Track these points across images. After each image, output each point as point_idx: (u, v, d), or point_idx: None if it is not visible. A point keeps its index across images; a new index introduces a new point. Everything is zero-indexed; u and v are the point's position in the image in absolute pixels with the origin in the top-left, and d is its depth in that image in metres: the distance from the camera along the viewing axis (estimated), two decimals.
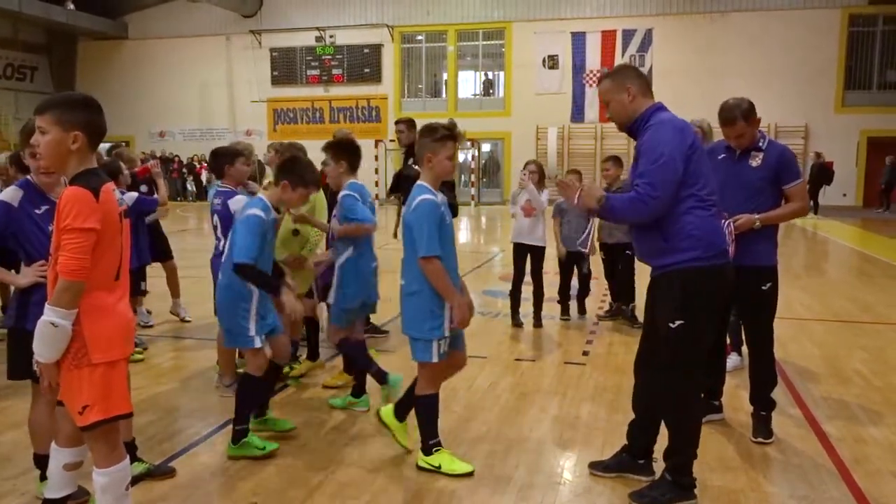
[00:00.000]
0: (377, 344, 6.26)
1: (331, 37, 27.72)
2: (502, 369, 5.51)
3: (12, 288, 5.86)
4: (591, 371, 5.53)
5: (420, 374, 3.78)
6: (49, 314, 2.52)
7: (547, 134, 25.29)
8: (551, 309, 7.27)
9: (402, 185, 6.91)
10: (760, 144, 4.17)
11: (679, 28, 24.45)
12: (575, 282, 7.34)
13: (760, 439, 4.11)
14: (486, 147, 27.50)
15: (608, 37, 24.83)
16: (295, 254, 5.29)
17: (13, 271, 3.55)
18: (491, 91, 27.80)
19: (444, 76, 27.64)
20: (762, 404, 4.22)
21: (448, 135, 3.59)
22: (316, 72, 28.03)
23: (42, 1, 25.79)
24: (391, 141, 26.44)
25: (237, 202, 4.66)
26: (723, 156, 4.24)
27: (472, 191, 25.62)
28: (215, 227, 4.88)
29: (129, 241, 2.82)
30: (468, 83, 28.19)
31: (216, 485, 3.60)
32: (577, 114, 25.24)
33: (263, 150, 6.84)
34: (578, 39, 25.12)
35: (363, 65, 27.60)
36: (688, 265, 3.21)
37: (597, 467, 3.71)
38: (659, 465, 3.50)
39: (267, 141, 21.80)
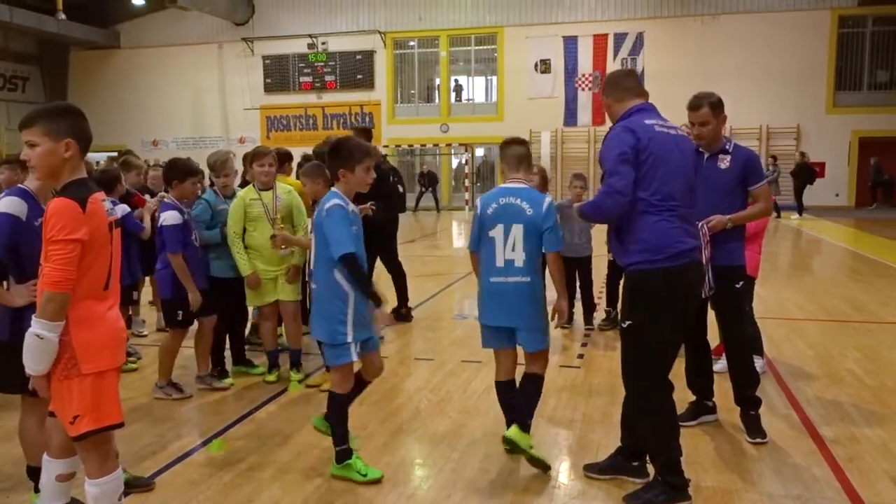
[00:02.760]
0: None
1: (323, 44, 27.74)
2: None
3: None
4: (585, 374, 5.55)
5: (538, 362, 3.94)
6: (35, 326, 2.52)
7: (540, 138, 25.34)
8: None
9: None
10: (727, 147, 4.27)
11: (670, 31, 24.54)
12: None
13: (758, 440, 4.14)
14: (479, 152, 27.54)
15: (600, 41, 24.89)
16: (275, 265, 5.28)
17: None
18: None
19: (437, 81, 27.69)
20: (748, 404, 4.27)
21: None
22: (309, 79, 28.03)
23: (33, 11, 25.74)
24: (384, 147, 26.49)
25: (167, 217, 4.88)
26: None
27: (467, 195, 25.65)
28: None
29: (120, 251, 2.82)
30: (462, 88, 28.26)
31: (211, 493, 3.59)
32: (570, 118, 25.29)
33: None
34: (570, 43, 25.18)
35: (356, 71, 27.61)
36: (636, 268, 3.33)
37: (592, 469, 3.72)
38: (653, 467, 3.51)
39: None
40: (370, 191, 5.06)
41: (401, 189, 6.88)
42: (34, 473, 3.28)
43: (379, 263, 7.03)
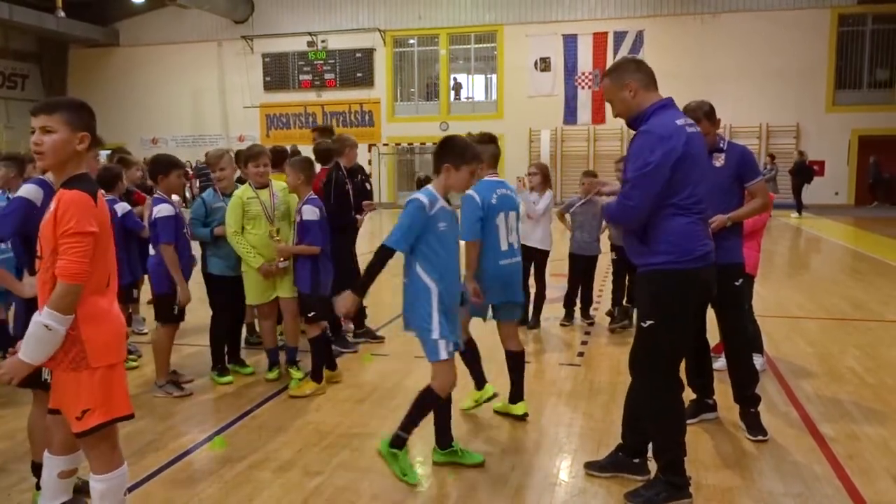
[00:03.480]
0: (372, 349, 6.27)
1: (323, 42, 27.73)
2: (498, 371, 5.51)
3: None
4: (586, 372, 5.55)
5: (516, 336, 4.53)
6: (46, 317, 2.52)
7: (540, 136, 25.35)
8: (554, 311, 7.29)
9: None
10: (721, 146, 4.29)
11: (670, 29, 24.54)
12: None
13: (759, 437, 4.15)
14: None
15: (599, 39, 24.89)
16: (272, 261, 5.27)
17: None
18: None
19: (437, 79, 27.66)
20: (747, 402, 4.28)
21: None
22: (308, 77, 28.03)
23: (32, 9, 25.72)
24: (384, 145, 26.51)
25: (159, 210, 4.94)
26: None
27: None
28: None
29: (115, 247, 2.84)
30: (461, 86, 28.25)
31: (213, 491, 3.59)
32: (570, 116, 25.29)
33: None
34: (570, 42, 25.17)
35: (356, 69, 27.61)
36: (660, 267, 3.28)
37: (592, 467, 3.73)
38: (654, 465, 3.51)
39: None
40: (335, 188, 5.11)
41: (368, 187, 6.78)
42: (39, 470, 3.28)
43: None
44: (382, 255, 3.49)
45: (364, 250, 6.23)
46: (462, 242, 3.95)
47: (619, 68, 3.41)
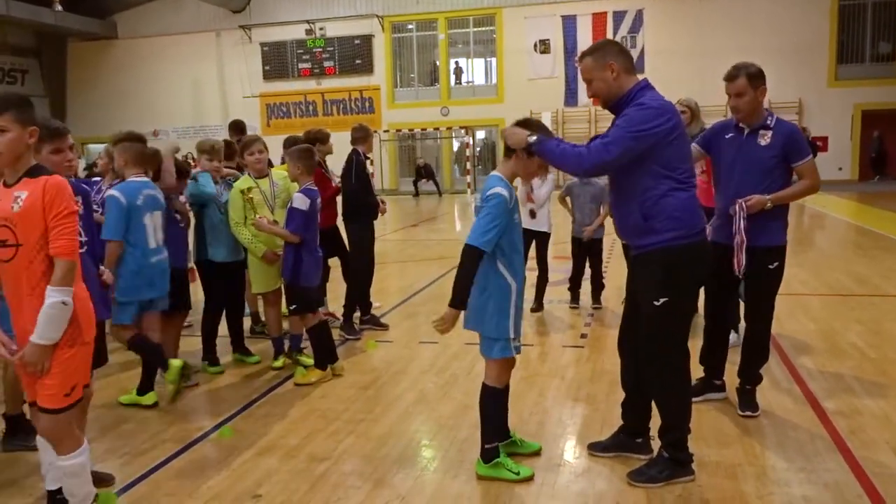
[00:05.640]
0: (376, 336, 6.30)
1: (321, 29, 27.62)
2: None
3: None
4: (589, 354, 5.58)
5: None
6: (58, 295, 2.72)
7: (541, 119, 25.24)
8: (559, 293, 7.31)
9: None
10: (769, 122, 4.07)
11: (670, 8, 24.36)
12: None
13: (748, 413, 4.17)
14: (480, 134, 27.48)
15: (599, 19, 24.73)
16: (273, 248, 5.29)
17: None
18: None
19: (437, 64, 27.55)
20: (750, 379, 4.27)
21: None
22: (307, 65, 27.95)
23: (29, 3, 25.64)
24: (385, 132, 26.45)
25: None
26: (731, 135, 4.16)
27: (468, 178, 25.63)
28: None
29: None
30: (461, 70, 28.14)
31: (220, 479, 3.64)
32: (571, 98, 25.20)
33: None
34: (569, 23, 25.02)
35: (354, 56, 27.51)
36: (668, 244, 3.27)
37: (595, 448, 3.76)
38: (656, 444, 3.54)
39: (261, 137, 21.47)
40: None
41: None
42: (10, 422, 3.61)
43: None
44: (473, 258, 3.24)
45: (378, 234, 6.30)
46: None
47: (602, 48, 3.38)
